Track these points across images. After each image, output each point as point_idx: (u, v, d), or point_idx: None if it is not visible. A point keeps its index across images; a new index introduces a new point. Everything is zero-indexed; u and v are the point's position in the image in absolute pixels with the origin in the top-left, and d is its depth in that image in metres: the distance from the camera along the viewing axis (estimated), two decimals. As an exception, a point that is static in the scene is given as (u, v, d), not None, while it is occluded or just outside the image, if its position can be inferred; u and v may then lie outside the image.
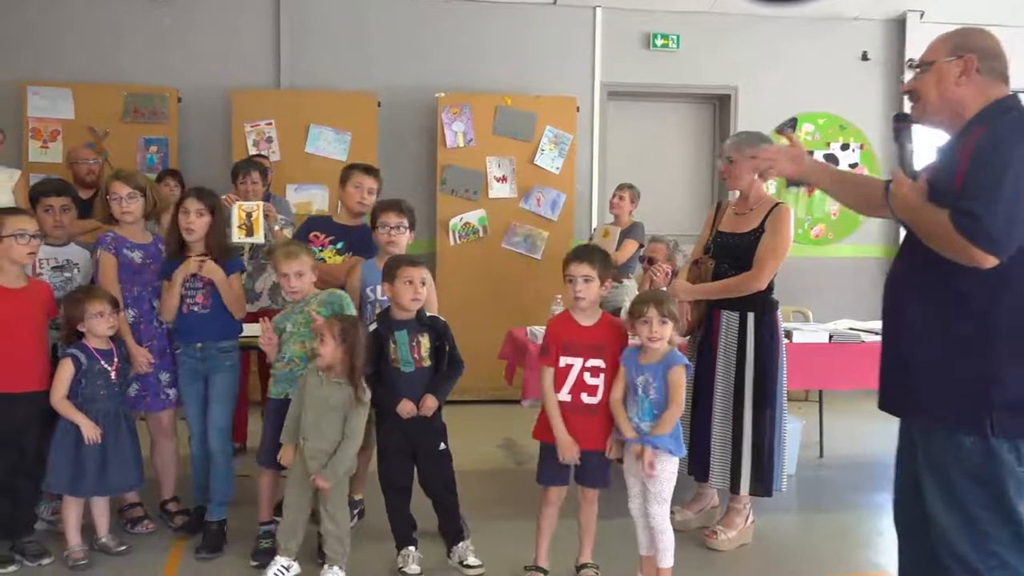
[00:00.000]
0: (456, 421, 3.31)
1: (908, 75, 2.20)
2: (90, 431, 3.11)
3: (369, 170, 3.72)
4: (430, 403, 3.06)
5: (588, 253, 2.97)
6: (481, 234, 6.00)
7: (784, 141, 2.70)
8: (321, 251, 3.62)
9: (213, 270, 3.29)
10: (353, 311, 3.22)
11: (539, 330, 3.88)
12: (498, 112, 5.98)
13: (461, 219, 5.98)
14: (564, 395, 2.93)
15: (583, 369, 2.92)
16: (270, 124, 5.81)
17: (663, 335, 2.82)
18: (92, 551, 3.22)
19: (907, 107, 2.24)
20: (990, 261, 1.89)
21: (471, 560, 3.13)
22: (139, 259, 3.39)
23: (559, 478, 2.99)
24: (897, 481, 2.27)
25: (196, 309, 3.34)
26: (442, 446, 3.16)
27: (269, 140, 5.81)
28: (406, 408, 3.03)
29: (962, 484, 2.00)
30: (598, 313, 2.99)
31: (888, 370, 2.19)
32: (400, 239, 3.43)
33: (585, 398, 2.92)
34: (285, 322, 3.20)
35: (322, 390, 2.96)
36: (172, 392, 3.45)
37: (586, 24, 6.37)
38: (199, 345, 3.34)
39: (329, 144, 5.89)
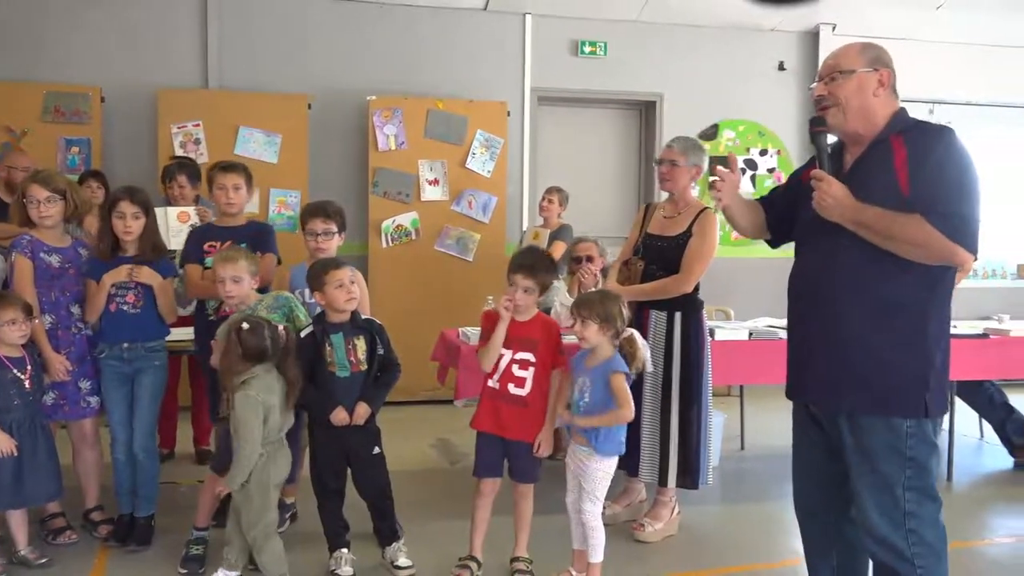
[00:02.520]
0: (389, 422, 3.28)
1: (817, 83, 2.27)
2: (4, 443, 2.96)
3: (228, 168, 3.50)
4: (362, 412, 3.00)
5: (533, 267, 2.96)
6: (413, 236, 5.96)
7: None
8: None
9: (151, 276, 3.20)
10: (302, 311, 3.15)
11: (472, 331, 3.87)
12: (430, 116, 5.95)
13: (393, 221, 5.92)
14: (494, 382, 2.98)
15: (512, 360, 2.96)
16: (198, 125, 5.65)
17: (586, 336, 2.83)
18: (11, 564, 3.07)
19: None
20: (969, 260, 2.04)
21: (402, 561, 3.09)
22: (57, 263, 3.23)
23: (493, 470, 3.01)
24: (800, 466, 2.36)
25: (126, 308, 3.23)
26: (376, 450, 3.11)
27: (197, 142, 5.64)
28: (339, 417, 2.97)
29: (893, 467, 2.10)
30: (534, 310, 3.03)
31: (812, 363, 2.23)
32: (329, 245, 3.37)
33: (512, 388, 2.96)
34: None
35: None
36: (94, 400, 3.31)
37: (516, 30, 6.39)
38: (126, 345, 3.23)
39: (259, 146, 5.76)
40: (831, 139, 2.26)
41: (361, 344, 3.04)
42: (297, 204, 5.74)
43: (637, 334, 2.94)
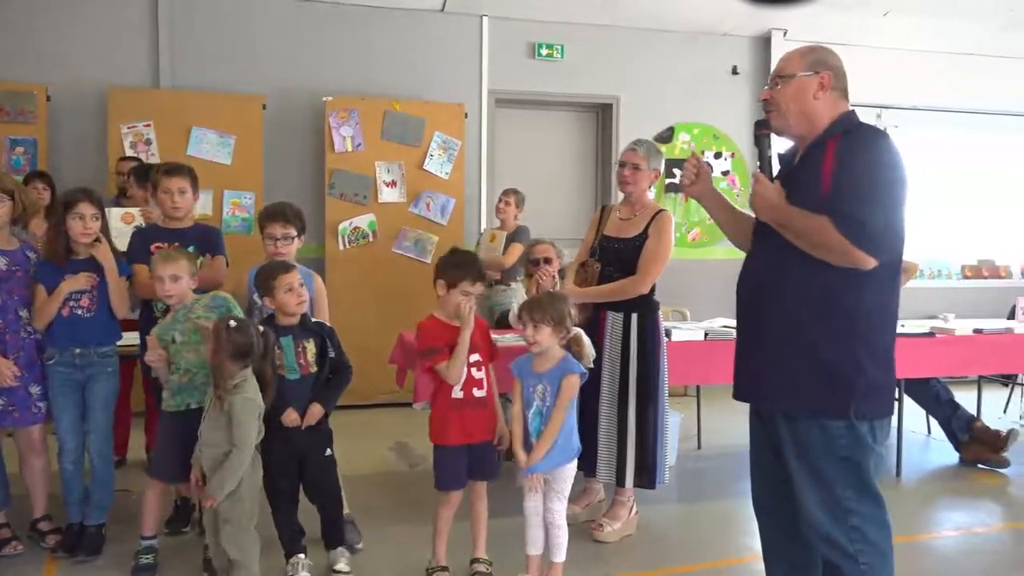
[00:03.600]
0: (347, 425, 3.26)
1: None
2: None
3: (172, 171, 3.44)
4: (316, 411, 2.98)
5: (481, 271, 3.01)
6: (371, 238, 5.93)
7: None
8: None
9: (104, 255, 3.16)
10: (239, 312, 3.10)
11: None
12: (387, 117, 5.92)
13: (350, 223, 5.89)
14: (457, 392, 2.93)
15: (469, 365, 2.95)
16: (148, 125, 5.54)
17: (539, 339, 2.82)
18: (-46, 577, 2.99)
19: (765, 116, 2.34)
20: (871, 263, 2.05)
21: (341, 566, 3.05)
22: (4, 266, 3.15)
23: (459, 481, 2.99)
24: (752, 464, 2.41)
25: (80, 312, 3.17)
26: (328, 452, 3.09)
27: (148, 142, 5.54)
28: (290, 417, 2.94)
29: (829, 466, 2.15)
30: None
31: (752, 363, 2.29)
32: (288, 250, 3.32)
33: (476, 392, 2.96)
34: (171, 332, 3.03)
35: (211, 390, 2.82)
36: (43, 405, 3.22)
37: (473, 32, 6.39)
38: (78, 351, 3.17)
39: (212, 147, 5.67)
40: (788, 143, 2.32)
41: (311, 347, 3.02)
42: (252, 206, 5.67)
43: (581, 332, 2.96)
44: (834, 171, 2.09)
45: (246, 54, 5.95)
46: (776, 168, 2.30)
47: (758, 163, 2.30)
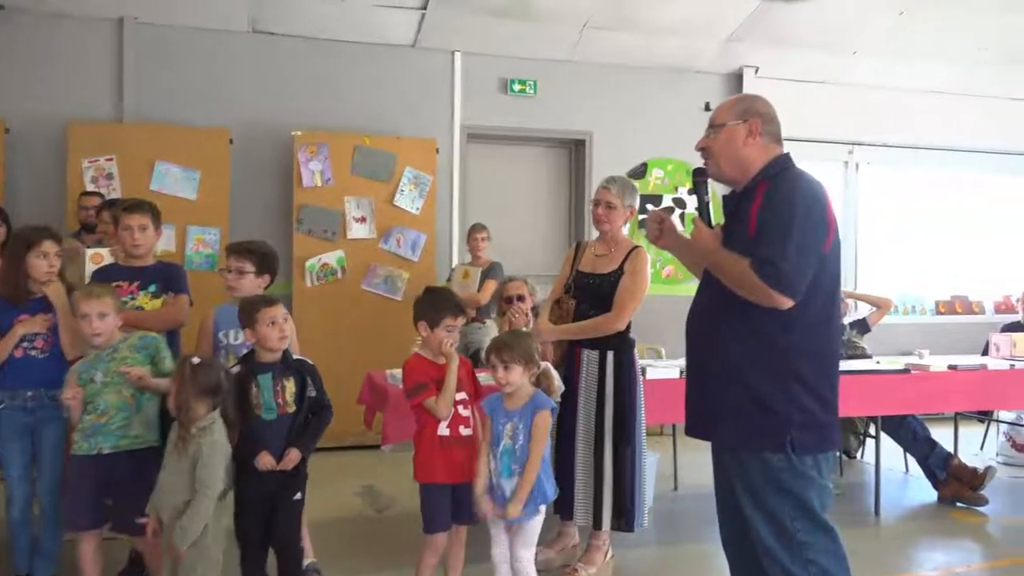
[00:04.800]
0: (313, 469, 3.18)
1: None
2: None
3: (133, 207, 3.41)
4: (293, 456, 2.90)
5: (462, 307, 3.04)
6: (339, 275, 5.89)
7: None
8: (134, 299, 3.35)
9: (57, 294, 3.11)
10: (168, 354, 3.04)
11: (399, 373, 3.81)
12: (356, 152, 5.93)
13: (319, 260, 5.85)
14: (443, 430, 2.92)
15: (456, 403, 2.95)
16: (111, 160, 5.49)
17: (510, 380, 2.81)
18: None
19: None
20: (787, 303, 2.15)
21: None
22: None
23: (447, 522, 2.95)
24: (717, 501, 2.49)
25: (34, 354, 3.10)
26: (298, 495, 3.02)
27: (109, 176, 5.48)
28: (263, 461, 2.85)
29: (772, 498, 2.24)
30: None
31: (698, 399, 2.40)
32: (240, 284, 3.31)
33: (463, 430, 2.96)
34: (94, 371, 2.94)
35: (172, 434, 2.75)
36: None
37: (445, 68, 6.44)
38: (30, 394, 3.09)
39: (176, 182, 5.62)
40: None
41: (291, 385, 2.95)
42: (216, 242, 5.62)
43: (549, 364, 2.98)
44: (758, 214, 2.21)
45: (212, 87, 5.93)
46: (713, 213, 2.43)
47: (696, 209, 2.43)
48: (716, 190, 2.49)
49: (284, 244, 5.76)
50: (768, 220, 2.18)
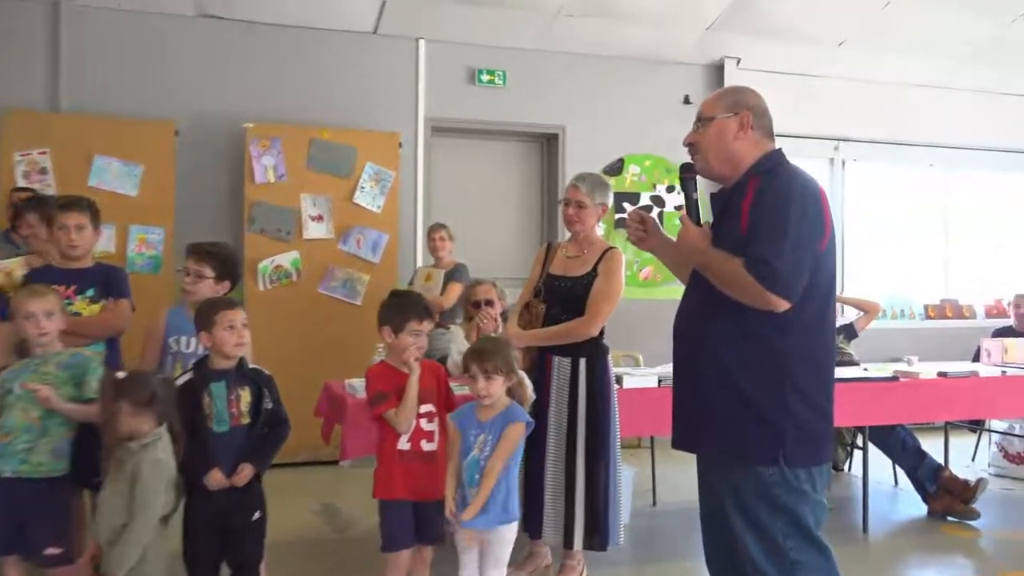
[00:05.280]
0: (268, 486, 3.17)
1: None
2: None
3: (68, 205, 3.39)
4: (247, 473, 2.88)
5: (428, 309, 3.03)
6: (294, 278, 5.86)
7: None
8: (71, 304, 3.31)
9: None
10: (97, 374, 2.98)
11: (359, 383, 3.80)
12: (313, 146, 5.91)
13: (272, 261, 5.82)
14: (404, 444, 2.93)
15: (419, 416, 2.96)
16: (44, 153, 5.42)
17: (490, 392, 2.83)
18: None
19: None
20: (783, 305, 2.16)
21: None
22: None
23: (409, 539, 2.96)
24: (701, 517, 2.50)
25: None
26: (257, 515, 2.99)
27: (43, 171, 5.41)
28: (214, 479, 2.83)
29: (765, 514, 2.25)
30: None
31: (686, 407, 2.40)
32: (197, 289, 3.33)
33: (425, 445, 2.96)
34: (13, 382, 2.90)
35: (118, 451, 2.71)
36: None
37: (409, 56, 6.45)
38: None
39: (116, 178, 5.57)
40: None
41: (246, 395, 2.93)
42: (160, 242, 5.58)
43: (523, 374, 3.00)
44: (750, 211, 2.23)
45: (156, 75, 5.88)
46: (702, 210, 2.43)
47: (685, 207, 2.44)
48: (703, 187, 2.50)
49: (235, 245, 5.67)
50: (761, 217, 2.20)
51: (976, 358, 5.54)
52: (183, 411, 2.82)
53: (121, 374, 2.70)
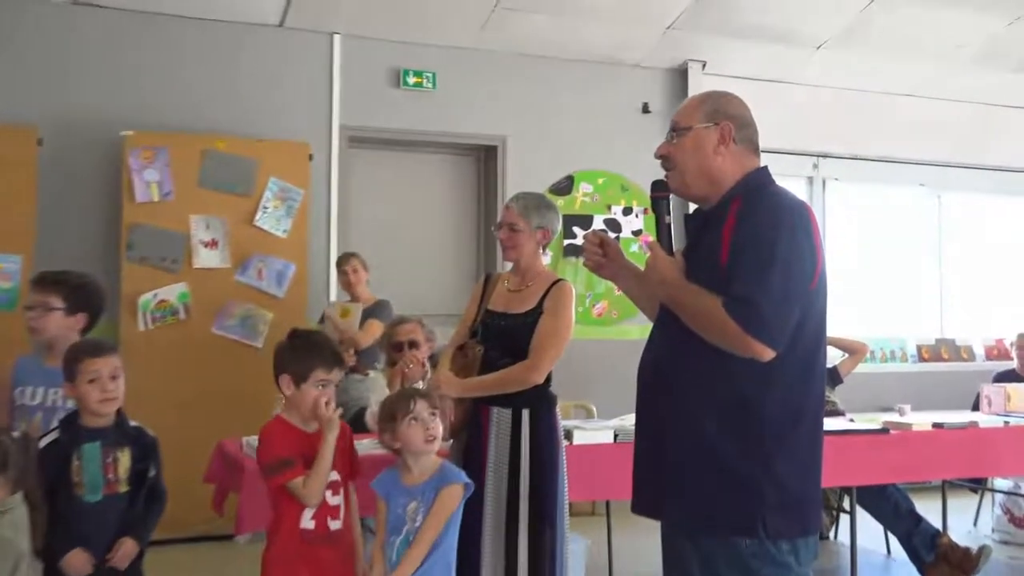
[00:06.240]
0: (149, 566, 3.09)
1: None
2: None
3: None
4: (128, 548, 2.83)
5: (337, 355, 3.01)
6: (182, 315, 5.79)
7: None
8: None
9: None
10: None
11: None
12: (206, 158, 5.87)
13: (155, 296, 5.74)
14: (308, 522, 2.85)
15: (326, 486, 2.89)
16: None
17: (438, 433, 2.84)
18: None
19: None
20: (767, 353, 2.16)
21: None
22: None
23: None
24: None
25: None
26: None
27: None
28: (75, 562, 2.75)
29: None
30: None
31: (650, 467, 2.39)
32: (44, 324, 3.29)
33: (331, 523, 2.89)
34: None
35: None
36: None
37: (322, 54, 6.46)
38: None
39: (-35, 194, 5.44)
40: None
41: (125, 458, 2.90)
42: (17, 273, 5.47)
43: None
44: (731, 239, 2.22)
45: (16, 74, 5.80)
46: (680, 236, 2.44)
47: (656, 233, 2.43)
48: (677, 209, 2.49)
49: (110, 275, 5.61)
50: (744, 247, 2.19)
51: (976, 406, 5.67)
52: (45, 476, 2.75)
53: None
